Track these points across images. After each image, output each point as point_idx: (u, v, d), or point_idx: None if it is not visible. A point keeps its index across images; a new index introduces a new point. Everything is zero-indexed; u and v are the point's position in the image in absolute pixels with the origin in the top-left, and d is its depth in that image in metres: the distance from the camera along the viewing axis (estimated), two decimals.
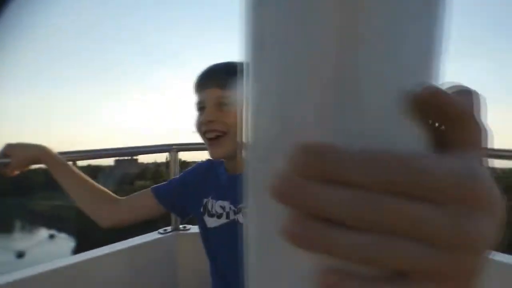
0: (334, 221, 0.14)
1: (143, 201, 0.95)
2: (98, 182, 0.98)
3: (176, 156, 1.35)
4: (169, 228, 1.36)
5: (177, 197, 0.94)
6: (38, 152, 0.92)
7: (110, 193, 0.97)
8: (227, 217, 0.82)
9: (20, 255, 28.65)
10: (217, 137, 0.79)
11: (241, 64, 0.18)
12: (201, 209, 0.87)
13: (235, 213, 0.81)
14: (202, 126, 0.80)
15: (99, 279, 1.14)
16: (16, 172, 0.93)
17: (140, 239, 1.29)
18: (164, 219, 1.38)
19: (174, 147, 1.34)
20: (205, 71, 0.83)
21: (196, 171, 0.97)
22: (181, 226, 1.37)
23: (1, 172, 0.91)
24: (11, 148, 0.91)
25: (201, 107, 0.81)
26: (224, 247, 0.84)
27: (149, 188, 0.96)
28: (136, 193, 0.99)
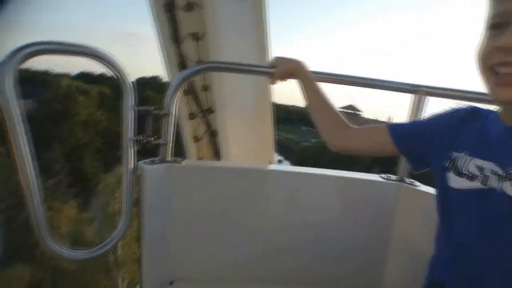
0: None
1: (376, 136, 0.89)
2: None
3: (421, 101, 1.14)
4: (393, 177, 1.24)
5: (416, 140, 0.80)
6: (297, 66, 1.03)
7: (344, 119, 0.97)
8: (484, 182, 0.62)
9: None
10: None
11: None
12: (446, 163, 0.70)
13: (500, 179, 0.59)
14: (497, 54, 0.56)
15: (311, 192, 1.23)
16: (277, 82, 1.09)
17: (360, 175, 1.25)
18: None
19: (422, 88, 1.13)
20: None
21: (451, 116, 0.77)
22: (407, 180, 1.22)
23: (270, 80, 1.10)
24: (277, 60, 1.08)
25: (500, 22, 0.55)
26: (467, 216, 0.66)
27: (385, 124, 0.88)
28: (370, 125, 0.94)
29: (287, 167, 1.36)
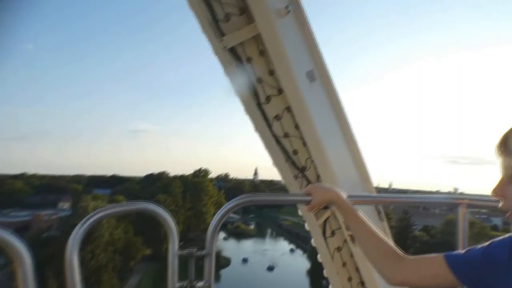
0: None
1: (433, 269, 0.81)
2: None
3: (465, 214, 1.10)
4: None
5: (479, 273, 0.74)
6: (334, 197, 1.00)
7: (396, 249, 0.91)
8: None
9: (271, 268, 34.53)
10: None
11: None
12: None
13: None
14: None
15: None
16: (314, 210, 1.05)
17: None
18: None
19: (464, 201, 1.10)
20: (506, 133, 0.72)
21: (509, 244, 0.73)
22: None
23: (307, 207, 1.05)
24: (313, 188, 1.04)
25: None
26: None
27: (441, 254, 0.82)
28: (425, 256, 0.86)
29: None
